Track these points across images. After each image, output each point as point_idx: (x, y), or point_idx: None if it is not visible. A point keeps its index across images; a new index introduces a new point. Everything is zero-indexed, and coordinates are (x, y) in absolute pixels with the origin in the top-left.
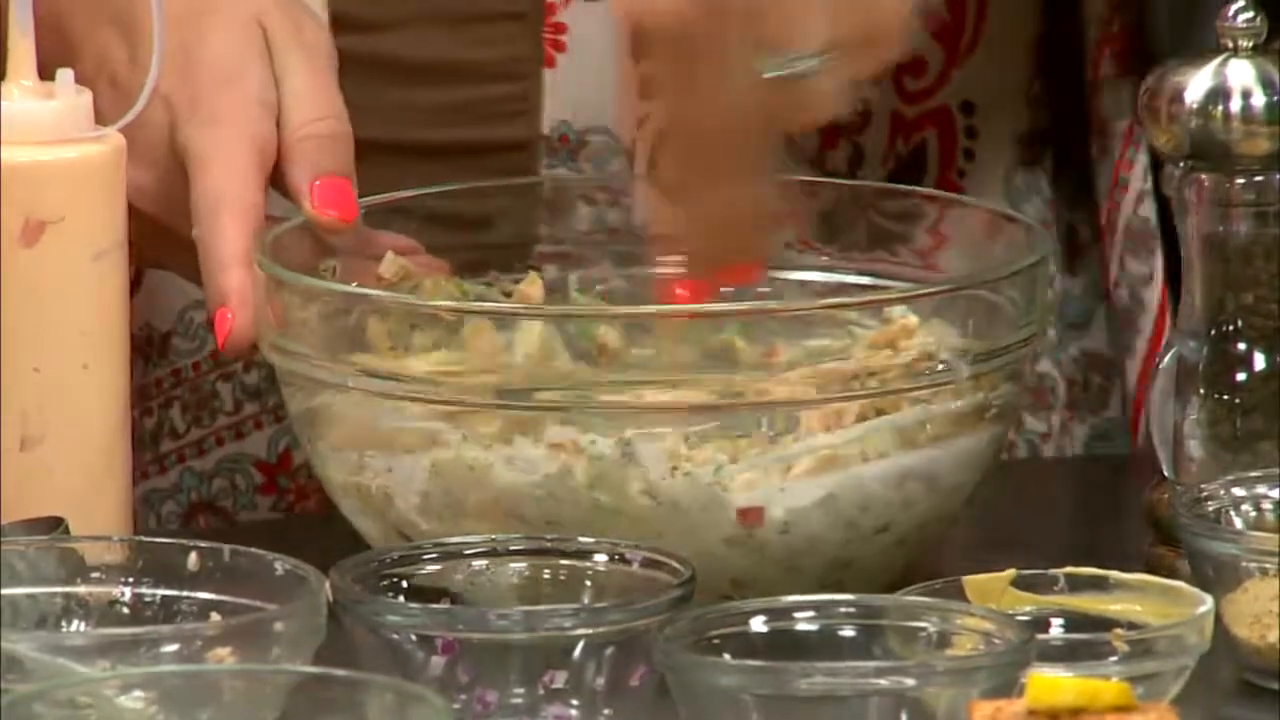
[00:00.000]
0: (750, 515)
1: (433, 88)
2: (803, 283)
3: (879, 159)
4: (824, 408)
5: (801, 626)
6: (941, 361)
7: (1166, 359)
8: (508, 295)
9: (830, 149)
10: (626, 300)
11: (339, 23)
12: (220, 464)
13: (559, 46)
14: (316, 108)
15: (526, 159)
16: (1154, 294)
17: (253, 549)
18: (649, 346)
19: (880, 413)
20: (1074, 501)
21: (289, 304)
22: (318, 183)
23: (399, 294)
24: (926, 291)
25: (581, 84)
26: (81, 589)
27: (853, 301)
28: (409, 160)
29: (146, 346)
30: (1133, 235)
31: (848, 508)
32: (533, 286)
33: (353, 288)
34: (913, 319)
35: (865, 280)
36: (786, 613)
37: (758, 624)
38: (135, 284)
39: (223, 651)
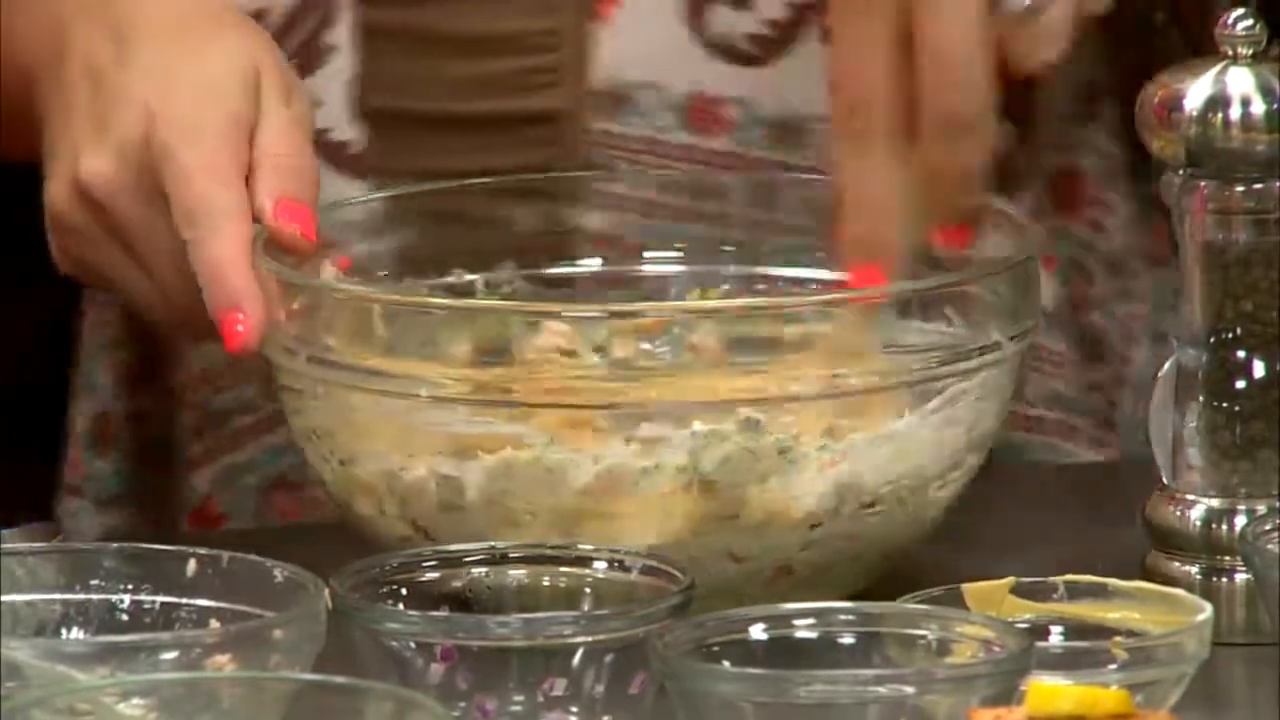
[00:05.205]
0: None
1: (465, 59)
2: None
3: None
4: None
5: (801, 634)
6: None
7: (1166, 366)
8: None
9: None
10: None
11: None
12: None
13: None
14: (290, 145)
15: (555, 131)
16: None
17: (252, 556)
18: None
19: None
20: (1073, 508)
21: (301, 306)
22: (281, 200)
23: (408, 293)
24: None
25: (635, 38)
26: (81, 596)
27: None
28: (436, 132)
29: None
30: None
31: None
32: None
33: (365, 288)
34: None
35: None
36: (786, 620)
37: (757, 631)
38: None
39: (222, 659)
